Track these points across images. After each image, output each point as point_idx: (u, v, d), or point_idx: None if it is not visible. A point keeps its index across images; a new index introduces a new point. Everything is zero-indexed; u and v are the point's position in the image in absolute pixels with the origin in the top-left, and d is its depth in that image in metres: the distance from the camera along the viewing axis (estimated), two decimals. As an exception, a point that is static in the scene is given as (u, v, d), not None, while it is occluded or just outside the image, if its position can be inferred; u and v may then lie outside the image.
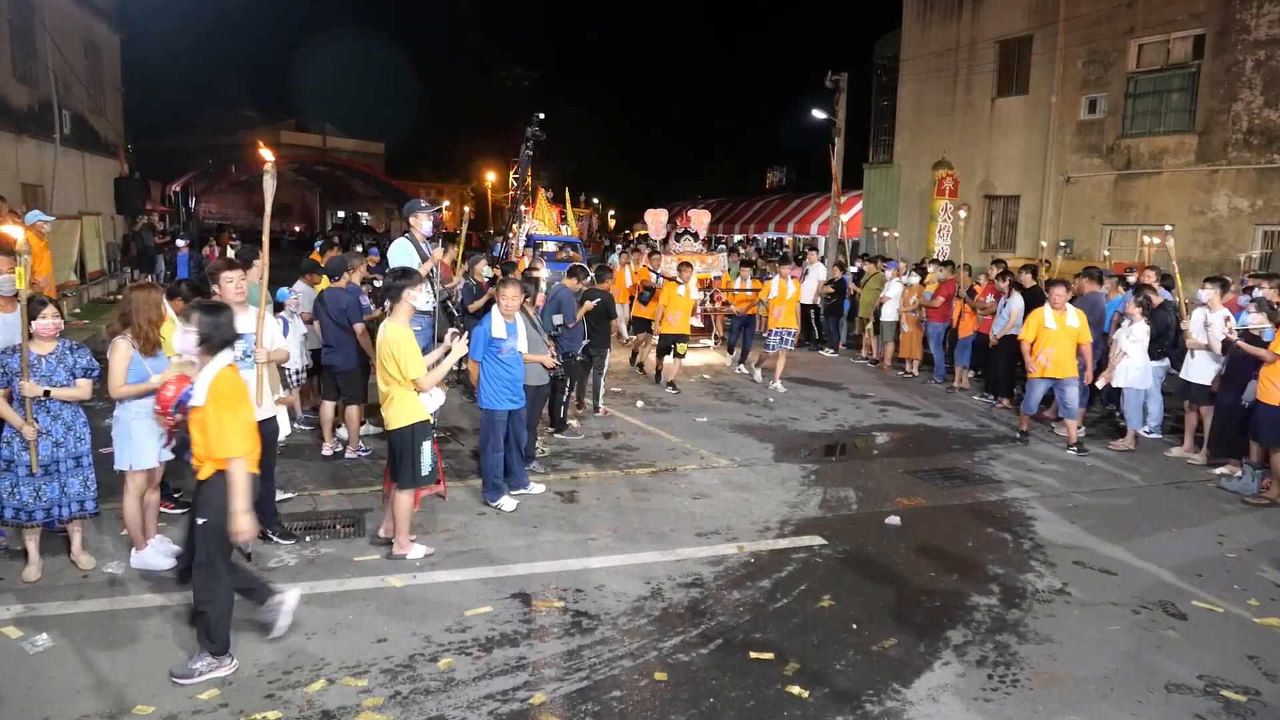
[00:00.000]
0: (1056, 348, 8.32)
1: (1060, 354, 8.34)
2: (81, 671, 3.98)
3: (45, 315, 4.77)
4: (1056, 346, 8.31)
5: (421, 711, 3.75)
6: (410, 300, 5.26)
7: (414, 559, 5.29)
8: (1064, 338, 8.34)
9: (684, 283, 10.73)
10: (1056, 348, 8.32)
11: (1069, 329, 8.36)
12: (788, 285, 11.23)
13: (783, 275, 11.27)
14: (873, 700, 3.96)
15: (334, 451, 7.43)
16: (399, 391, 5.16)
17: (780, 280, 11.21)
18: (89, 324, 13.41)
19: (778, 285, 11.20)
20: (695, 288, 11.11)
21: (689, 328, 10.98)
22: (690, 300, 10.89)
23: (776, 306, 11.17)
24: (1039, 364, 8.45)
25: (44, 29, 17.46)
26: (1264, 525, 6.43)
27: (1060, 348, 8.33)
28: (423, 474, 5.25)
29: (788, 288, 11.22)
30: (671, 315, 10.67)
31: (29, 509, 4.76)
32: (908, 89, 22.72)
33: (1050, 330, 8.38)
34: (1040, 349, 8.42)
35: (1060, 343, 8.33)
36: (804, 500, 6.80)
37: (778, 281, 11.23)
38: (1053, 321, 8.38)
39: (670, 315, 10.67)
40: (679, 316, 10.68)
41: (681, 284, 10.71)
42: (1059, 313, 8.43)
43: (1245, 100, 14.98)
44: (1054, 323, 8.38)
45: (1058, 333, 8.37)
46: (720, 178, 48.12)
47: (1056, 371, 8.39)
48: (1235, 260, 14.65)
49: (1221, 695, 4.08)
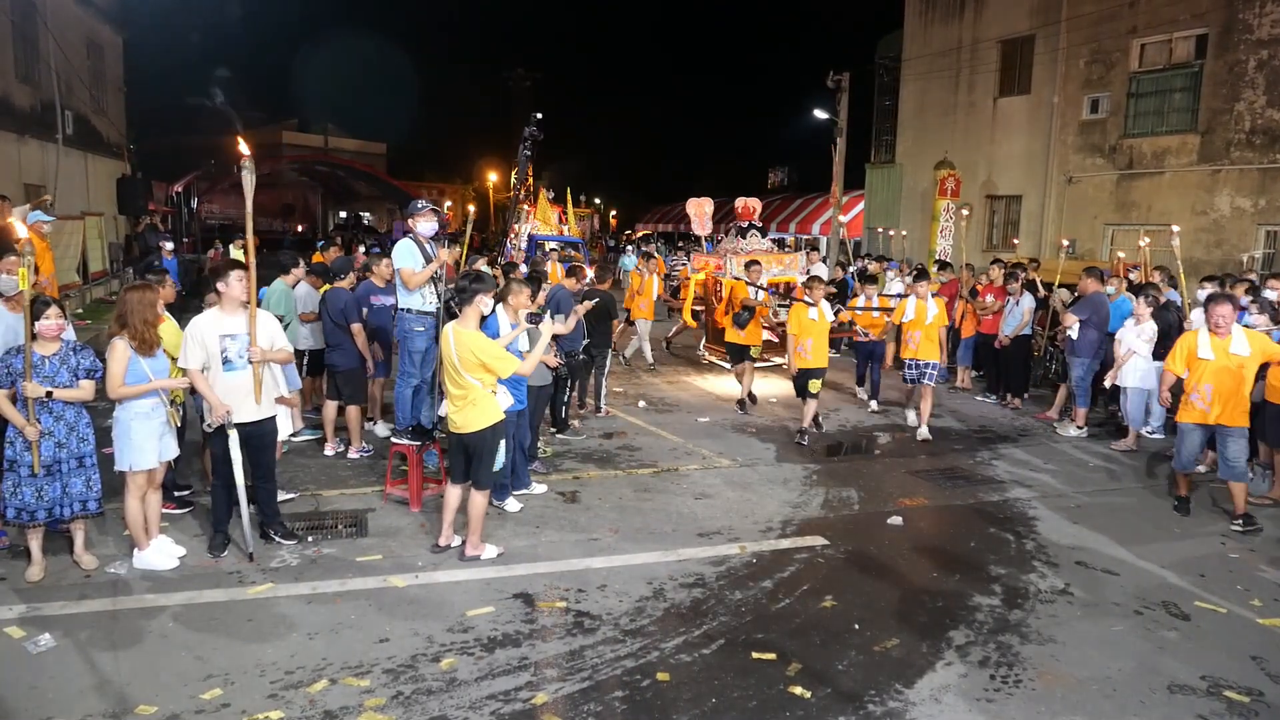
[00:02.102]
0: (1215, 384, 6.34)
1: (1223, 391, 6.32)
2: (84, 671, 3.98)
3: (49, 315, 4.78)
4: (1215, 383, 6.34)
5: (424, 711, 3.75)
6: (481, 305, 5.27)
7: (488, 558, 5.34)
8: (1226, 372, 6.32)
9: (816, 303, 8.65)
10: (1215, 384, 6.34)
11: (1234, 358, 6.30)
12: (927, 306, 8.96)
13: (919, 295, 9.08)
14: (875, 701, 3.95)
15: (336, 452, 7.45)
16: (479, 394, 5.17)
17: (917, 301, 9.03)
18: (91, 324, 13.44)
19: (914, 306, 9.03)
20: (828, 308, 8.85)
21: (826, 358, 8.80)
22: (826, 324, 8.76)
23: (912, 332, 9.03)
24: (1194, 407, 6.49)
25: (46, 29, 17.48)
26: (1268, 525, 6.41)
27: (1221, 384, 6.33)
28: (495, 470, 5.36)
29: (927, 309, 8.95)
30: (803, 344, 8.58)
31: (30, 509, 4.77)
32: (910, 89, 22.71)
33: (1205, 361, 6.39)
34: (1194, 385, 6.48)
35: (1221, 379, 6.32)
36: (806, 500, 6.80)
37: (913, 302, 9.07)
38: (1209, 349, 6.39)
39: (802, 344, 8.58)
40: (811, 345, 8.58)
41: (813, 305, 8.66)
42: (1220, 337, 6.37)
43: (1248, 100, 14.95)
44: (1210, 350, 6.38)
45: (1215, 365, 6.34)
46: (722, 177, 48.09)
47: (1219, 415, 6.36)
48: (1238, 260, 14.62)
49: (1224, 696, 4.07)
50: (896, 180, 23.33)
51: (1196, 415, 6.48)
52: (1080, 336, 8.93)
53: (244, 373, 5.18)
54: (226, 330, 5.14)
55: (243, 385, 5.18)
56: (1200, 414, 6.45)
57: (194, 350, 5.07)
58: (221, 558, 5.23)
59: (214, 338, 5.10)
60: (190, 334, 5.10)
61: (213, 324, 5.13)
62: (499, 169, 45.16)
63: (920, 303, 8.99)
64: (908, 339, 9.07)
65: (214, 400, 5.08)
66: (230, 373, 5.14)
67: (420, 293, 6.66)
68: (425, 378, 6.82)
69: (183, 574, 5.03)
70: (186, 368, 5.08)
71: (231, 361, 5.13)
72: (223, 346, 5.11)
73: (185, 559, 5.17)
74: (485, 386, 5.18)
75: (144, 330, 4.94)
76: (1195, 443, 6.61)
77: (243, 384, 5.18)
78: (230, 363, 5.13)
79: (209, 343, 5.09)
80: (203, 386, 5.08)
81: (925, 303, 8.97)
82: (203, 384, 5.08)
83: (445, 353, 5.21)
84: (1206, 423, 6.46)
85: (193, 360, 5.07)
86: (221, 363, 5.11)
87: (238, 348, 5.15)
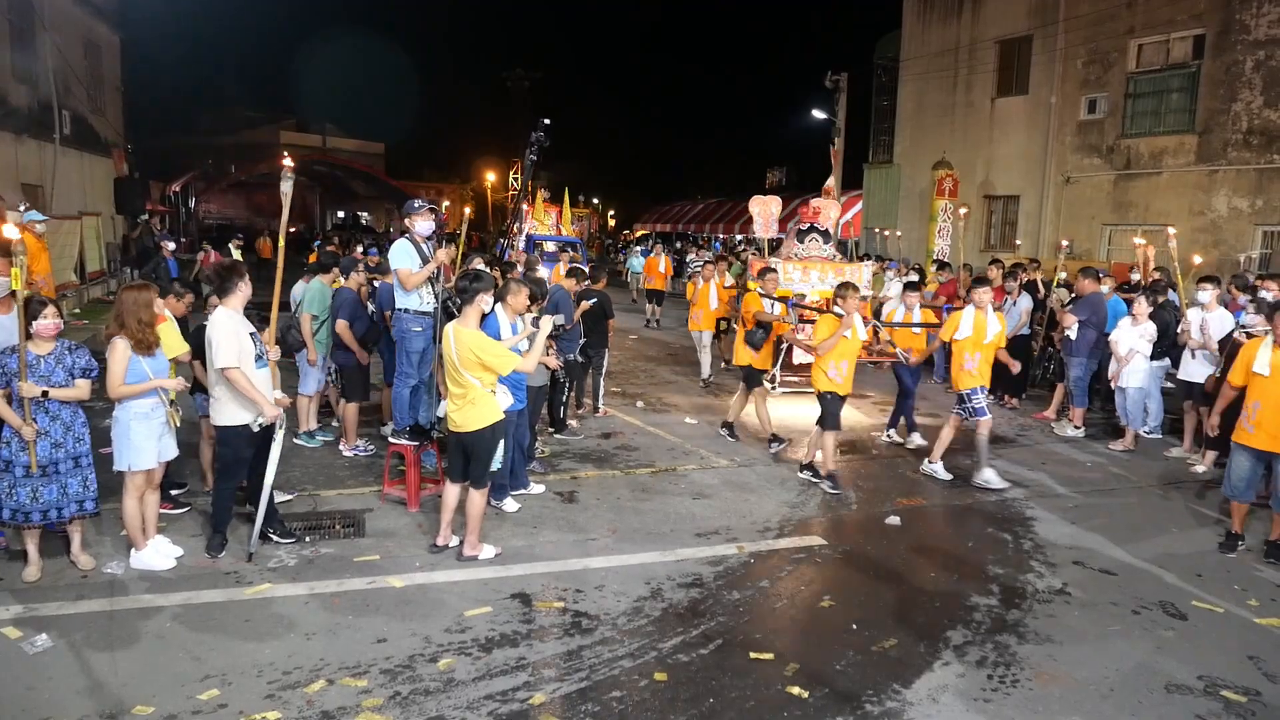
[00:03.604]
0: (1265, 402, 5.59)
1: (1272, 410, 5.54)
2: (81, 672, 3.97)
3: (45, 315, 4.76)
4: (1265, 401, 5.59)
5: (421, 712, 3.74)
6: (482, 304, 5.27)
7: (486, 558, 5.34)
8: None
9: (848, 312, 6.89)
10: (1265, 402, 5.59)
11: None
12: (986, 321, 7.13)
13: (978, 305, 7.19)
14: (873, 700, 3.95)
15: (353, 452, 7.47)
16: (478, 393, 5.17)
17: (975, 312, 7.16)
18: (88, 324, 13.42)
19: (970, 319, 7.14)
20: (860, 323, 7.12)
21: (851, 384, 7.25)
22: (859, 342, 7.11)
23: (970, 354, 7.14)
24: (1243, 427, 5.78)
25: (44, 29, 17.46)
26: (1264, 526, 6.42)
27: (1270, 402, 5.56)
28: (493, 469, 5.37)
29: (986, 324, 7.12)
30: (834, 368, 6.95)
31: (26, 509, 4.76)
32: (908, 89, 22.74)
33: (1260, 377, 5.64)
34: (1253, 403, 5.70)
35: (1273, 398, 5.55)
36: (804, 500, 6.80)
37: (970, 314, 7.17)
38: (1266, 364, 5.61)
39: (832, 367, 6.96)
40: (845, 370, 7.00)
41: (844, 314, 6.92)
42: None
43: (1245, 100, 14.97)
44: (1267, 365, 5.60)
45: (1271, 382, 5.58)
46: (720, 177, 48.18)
47: (1268, 441, 5.61)
48: (1235, 260, 14.65)
49: (1221, 695, 4.07)
50: (895, 180, 23.35)
51: (1245, 437, 5.77)
52: (1078, 336, 8.94)
53: (260, 372, 5.20)
54: (250, 328, 5.19)
55: (266, 382, 5.22)
56: (1249, 436, 5.75)
57: (234, 347, 4.99)
58: (219, 558, 5.22)
59: (247, 335, 5.10)
60: (228, 332, 5.00)
61: (241, 323, 5.13)
62: (497, 169, 45.19)
63: (979, 315, 7.14)
64: (965, 361, 7.16)
65: (260, 398, 5.06)
66: (262, 369, 5.19)
67: (418, 293, 6.64)
68: (423, 378, 6.81)
69: (180, 574, 5.01)
70: (227, 366, 4.98)
71: (262, 358, 5.19)
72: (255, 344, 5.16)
73: (183, 559, 5.16)
74: (485, 386, 5.18)
75: (141, 330, 4.93)
76: (1244, 467, 5.82)
77: (266, 381, 5.22)
78: (260, 359, 5.17)
79: (244, 341, 5.07)
80: (246, 385, 5.01)
81: (985, 315, 7.15)
82: (245, 382, 5.01)
83: (446, 352, 5.21)
84: (1257, 447, 5.71)
85: (233, 358, 4.98)
86: (254, 359, 5.13)
87: (253, 350, 5.18)
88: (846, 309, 6.93)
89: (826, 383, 7.00)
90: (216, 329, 5.04)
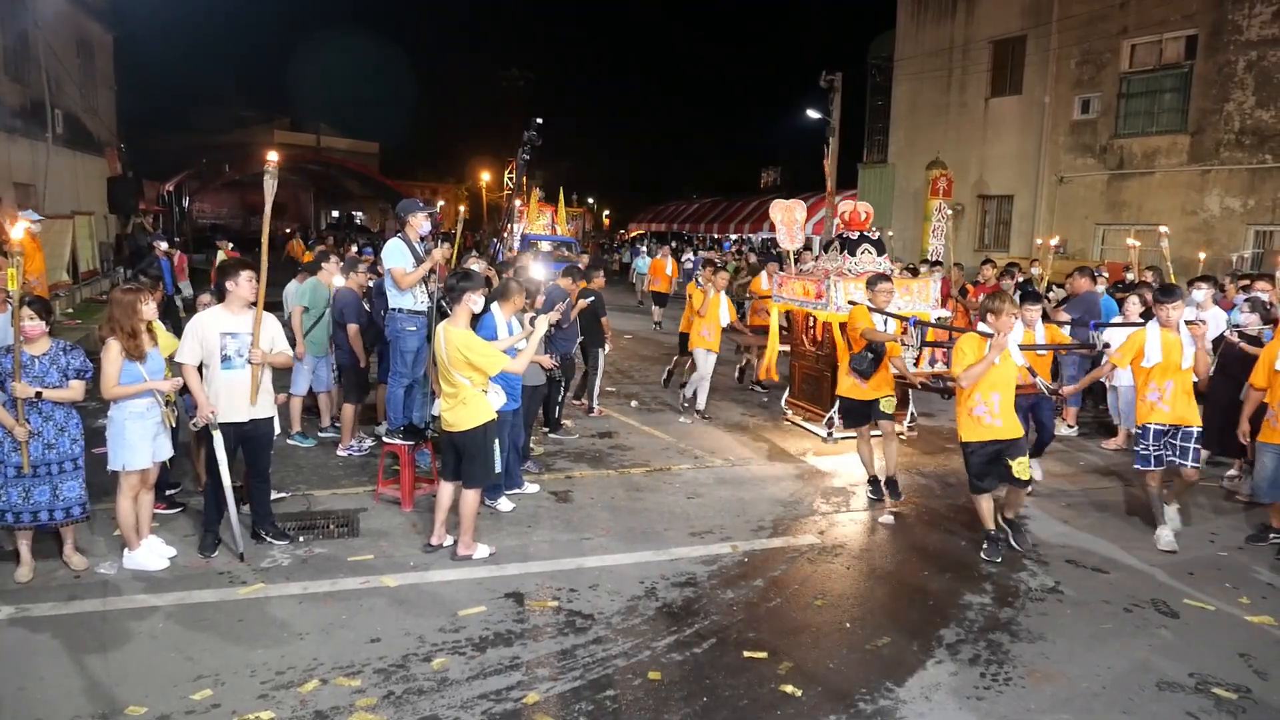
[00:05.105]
0: None
1: None
2: (74, 673, 3.96)
3: (23, 316, 4.66)
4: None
5: (415, 711, 3.74)
6: (471, 304, 5.26)
7: (480, 558, 5.33)
8: None
9: (1000, 331, 5.37)
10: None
11: None
12: (1181, 343, 5.71)
13: (1167, 322, 5.73)
14: (866, 699, 3.96)
15: (347, 452, 7.45)
16: (469, 393, 5.17)
17: (1164, 332, 5.71)
18: (81, 324, 13.37)
19: (1157, 340, 5.70)
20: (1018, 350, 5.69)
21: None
22: (1015, 369, 5.59)
23: (1160, 382, 5.74)
24: (1270, 426, 5.54)
25: (36, 27, 17.38)
26: (1245, 520, 6.44)
27: None
28: (495, 470, 5.35)
29: (1181, 347, 5.70)
30: (982, 404, 5.46)
31: (16, 510, 4.74)
32: (902, 89, 22.78)
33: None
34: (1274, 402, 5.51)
35: None
36: (798, 499, 6.81)
37: (1155, 334, 5.73)
38: None
39: (980, 404, 5.46)
40: (997, 406, 5.44)
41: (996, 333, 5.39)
42: None
43: (1237, 100, 15.05)
44: None
45: None
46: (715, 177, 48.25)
47: None
48: (1227, 259, 14.72)
49: (1213, 693, 4.09)
50: (889, 180, 23.40)
51: (1274, 435, 5.56)
52: (1073, 336, 8.95)
53: (242, 372, 5.17)
54: (228, 328, 5.15)
55: (240, 384, 5.17)
56: (1274, 433, 5.58)
57: (191, 346, 5.08)
58: (212, 558, 5.21)
59: (214, 335, 5.10)
60: (190, 330, 5.10)
61: (214, 321, 5.14)
62: (492, 168, 45.14)
63: (1169, 336, 5.69)
64: (1151, 392, 5.81)
65: (201, 400, 5.08)
66: (228, 371, 5.14)
67: (412, 292, 6.65)
68: (417, 377, 6.81)
69: (173, 574, 5.01)
70: (182, 362, 5.07)
71: (230, 359, 5.14)
72: (222, 344, 5.12)
73: (176, 559, 5.15)
74: (475, 385, 5.18)
75: (128, 342, 4.91)
76: (1268, 467, 5.59)
77: (240, 383, 5.17)
78: (229, 360, 5.13)
79: (208, 339, 5.09)
80: (194, 383, 5.07)
81: (1178, 336, 5.70)
82: (194, 381, 5.07)
83: (437, 352, 5.22)
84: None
85: (188, 355, 5.07)
86: (220, 360, 5.11)
87: (237, 346, 5.15)
88: (999, 327, 5.37)
89: (972, 428, 5.49)
90: (188, 325, 5.12)
